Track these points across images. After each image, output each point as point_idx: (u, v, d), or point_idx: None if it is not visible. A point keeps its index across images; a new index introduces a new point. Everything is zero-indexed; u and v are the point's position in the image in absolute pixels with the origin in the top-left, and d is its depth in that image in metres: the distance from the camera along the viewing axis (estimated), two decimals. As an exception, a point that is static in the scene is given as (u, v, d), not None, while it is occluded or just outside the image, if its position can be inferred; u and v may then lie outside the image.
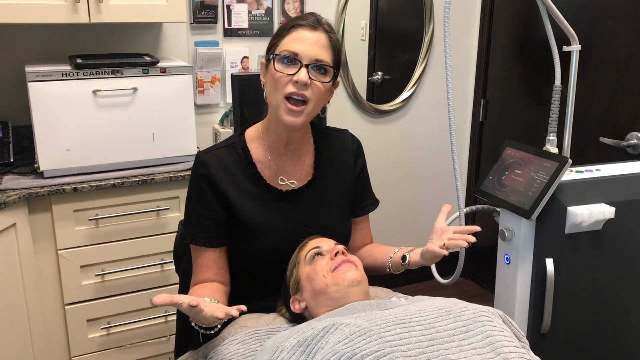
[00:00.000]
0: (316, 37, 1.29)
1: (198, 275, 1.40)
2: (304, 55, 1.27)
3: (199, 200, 1.36)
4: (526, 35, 2.76)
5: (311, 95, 1.28)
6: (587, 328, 1.72)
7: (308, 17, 1.31)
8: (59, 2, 1.95)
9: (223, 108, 2.59)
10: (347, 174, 1.48)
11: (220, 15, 2.50)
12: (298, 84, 1.26)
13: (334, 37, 1.32)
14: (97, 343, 2.12)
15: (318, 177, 1.43)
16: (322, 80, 1.29)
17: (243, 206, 1.36)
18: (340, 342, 1.01)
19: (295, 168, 1.42)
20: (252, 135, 1.42)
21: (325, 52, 1.29)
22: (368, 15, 2.86)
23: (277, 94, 1.29)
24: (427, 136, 3.09)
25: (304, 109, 1.28)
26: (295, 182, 1.42)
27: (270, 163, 1.40)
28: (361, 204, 1.54)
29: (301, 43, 1.27)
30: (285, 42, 1.29)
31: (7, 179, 1.96)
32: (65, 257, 2.00)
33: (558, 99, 1.71)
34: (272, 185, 1.39)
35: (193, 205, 1.38)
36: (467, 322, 1.09)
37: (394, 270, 1.44)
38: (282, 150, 1.40)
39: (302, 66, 1.26)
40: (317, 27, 1.30)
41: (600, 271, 1.68)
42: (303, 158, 1.43)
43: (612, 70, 2.29)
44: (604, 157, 2.31)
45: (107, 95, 2.01)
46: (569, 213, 1.59)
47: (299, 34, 1.29)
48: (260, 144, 1.40)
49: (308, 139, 1.45)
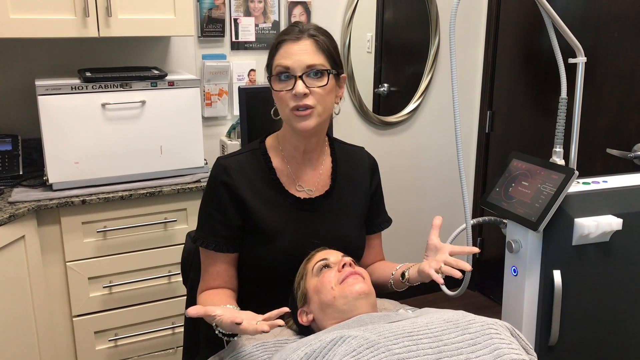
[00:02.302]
0: (302, 46, 1.31)
1: (208, 281, 1.41)
2: (294, 67, 1.29)
3: (215, 205, 1.37)
4: (532, 46, 2.76)
5: (314, 102, 1.30)
6: (595, 340, 1.71)
7: (291, 30, 1.33)
8: (69, 16, 1.97)
9: (230, 120, 2.60)
10: (363, 188, 1.49)
11: (228, 29, 2.52)
12: (297, 96, 1.28)
13: (321, 39, 1.33)
14: (105, 355, 2.12)
15: (335, 188, 1.45)
16: (320, 85, 1.31)
17: (260, 211, 1.37)
18: (348, 354, 1.01)
19: (312, 177, 1.43)
20: (270, 145, 1.44)
21: (315, 56, 1.31)
22: (374, 27, 2.88)
23: (284, 109, 1.32)
24: (433, 148, 3.10)
25: (312, 111, 1.30)
26: (313, 190, 1.43)
27: (288, 171, 1.41)
28: (375, 221, 1.55)
29: (289, 57, 1.30)
30: (276, 60, 1.32)
31: (16, 192, 1.98)
32: (74, 269, 2.01)
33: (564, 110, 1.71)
34: (290, 191, 1.40)
35: (207, 210, 1.39)
36: (475, 334, 1.09)
37: (396, 288, 1.45)
38: (299, 159, 1.42)
39: (297, 78, 1.28)
40: (300, 37, 1.31)
41: (607, 283, 1.68)
42: (320, 167, 1.45)
43: (618, 81, 2.29)
44: (611, 169, 2.31)
45: (116, 108, 2.02)
46: (576, 225, 1.59)
47: (285, 49, 1.31)
48: (278, 153, 1.42)
49: (325, 149, 1.47)
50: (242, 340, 1.30)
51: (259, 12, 2.55)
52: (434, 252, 1.32)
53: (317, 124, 1.32)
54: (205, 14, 2.45)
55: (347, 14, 2.71)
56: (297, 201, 1.41)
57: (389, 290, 1.46)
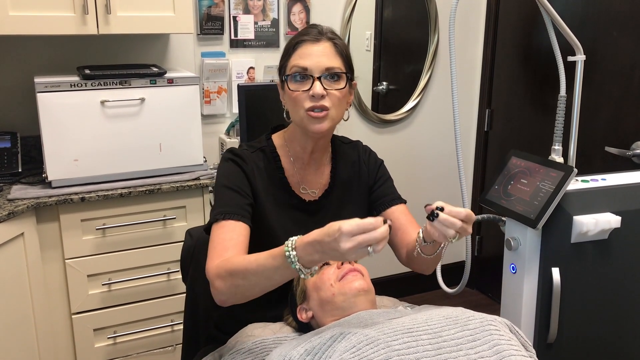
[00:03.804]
0: (321, 47, 1.30)
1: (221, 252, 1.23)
2: (313, 68, 1.28)
3: (231, 179, 1.32)
4: (531, 45, 2.77)
5: (330, 104, 1.29)
6: (593, 337, 1.72)
7: (310, 31, 1.32)
8: (68, 14, 1.97)
9: (229, 118, 2.60)
10: (362, 184, 1.49)
11: (227, 27, 2.52)
12: (315, 97, 1.27)
13: (339, 42, 1.33)
14: (104, 352, 2.13)
15: (334, 187, 1.44)
16: (337, 88, 1.30)
17: (268, 205, 1.36)
18: (348, 350, 1.01)
19: (315, 178, 1.43)
20: (278, 143, 1.42)
21: (334, 59, 1.30)
22: (373, 25, 2.88)
23: (299, 110, 1.30)
24: (432, 146, 3.10)
25: (327, 114, 1.29)
26: (316, 191, 1.43)
27: (294, 172, 1.41)
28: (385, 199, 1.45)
29: (308, 57, 1.28)
30: (293, 60, 1.30)
31: (15, 189, 1.98)
32: (73, 267, 2.01)
33: (563, 108, 1.71)
34: (296, 192, 1.41)
35: (224, 185, 1.32)
36: (474, 331, 1.10)
37: (424, 253, 1.26)
38: (306, 159, 1.41)
39: (315, 79, 1.27)
40: (320, 38, 1.31)
41: (606, 280, 1.68)
42: (322, 168, 1.45)
43: (617, 79, 2.29)
44: (609, 167, 2.31)
45: (115, 105, 2.02)
46: (575, 222, 1.59)
47: (304, 50, 1.30)
48: (285, 153, 1.41)
49: (328, 149, 1.47)
50: (242, 338, 1.30)
51: (258, 9, 2.55)
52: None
53: (330, 127, 1.32)
54: (205, 12, 2.45)
55: (346, 11, 2.71)
56: (302, 203, 1.41)
57: (421, 258, 1.28)
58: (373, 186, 1.49)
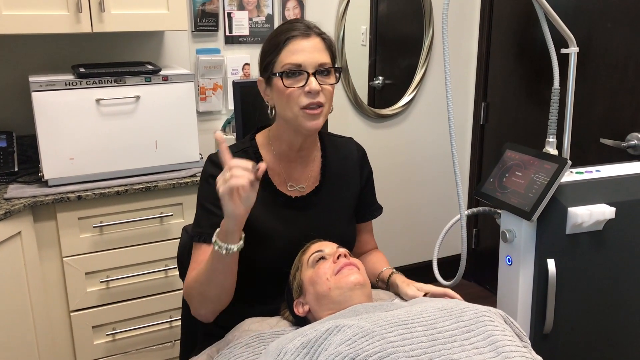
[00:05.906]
0: (312, 43, 1.30)
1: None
2: (307, 64, 1.28)
3: (209, 198, 1.35)
4: (525, 38, 2.77)
5: (324, 99, 1.30)
6: (589, 328, 1.73)
7: (297, 26, 1.31)
8: (62, 12, 1.97)
9: (225, 115, 2.61)
10: (353, 182, 1.49)
11: (221, 23, 2.52)
12: (311, 93, 1.27)
13: (327, 37, 1.34)
14: (103, 349, 2.13)
15: (325, 183, 1.45)
16: (330, 83, 1.31)
17: (254, 210, 1.36)
18: (344, 343, 1.02)
19: (303, 174, 1.43)
20: (261, 142, 1.42)
21: (324, 54, 1.31)
22: (368, 20, 2.88)
23: (293, 107, 1.29)
24: (428, 140, 3.10)
25: (322, 110, 1.30)
26: (304, 187, 1.43)
27: (280, 169, 1.41)
28: (367, 210, 1.56)
29: (301, 53, 1.28)
30: (284, 56, 1.29)
31: (12, 188, 1.98)
32: (70, 265, 2.01)
33: (557, 101, 1.72)
34: (281, 191, 1.41)
35: (203, 205, 1.37)
36: (469, 322, 1.10)
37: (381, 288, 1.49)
38: (292, 157, 1.41)
39: (310, 75, 1.27)
40: (309, 33, 1.30)
41: (601, 271, 1.69)
42: (311, 164, 1.44)
43: (611, 71, 2.30)
44: (604, 159, 2.32)
45: (110, 103, 2.02)
46: (570, 214, 1.60)
47: (295, 45, 1.29)
48: (269, 151, 1.41)
49: (316, 145, 1.47)
50: (239, 332, 1.31)
51: (253, 5, 2.55)
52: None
53: (323, 123, 1.32)
54: (199, 8, 2.45)
55: (341, 6, 2.71)
56: (289, 200, 1.41)
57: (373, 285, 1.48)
58: (364, 188, 1.52)
